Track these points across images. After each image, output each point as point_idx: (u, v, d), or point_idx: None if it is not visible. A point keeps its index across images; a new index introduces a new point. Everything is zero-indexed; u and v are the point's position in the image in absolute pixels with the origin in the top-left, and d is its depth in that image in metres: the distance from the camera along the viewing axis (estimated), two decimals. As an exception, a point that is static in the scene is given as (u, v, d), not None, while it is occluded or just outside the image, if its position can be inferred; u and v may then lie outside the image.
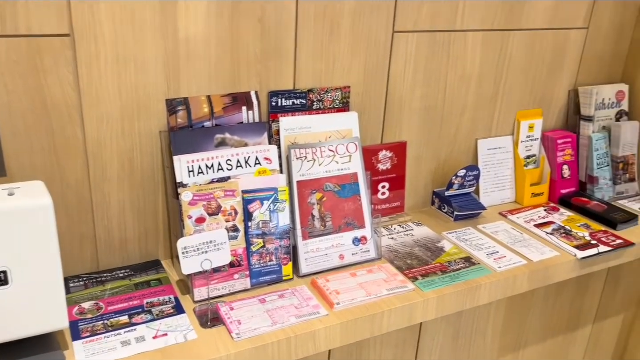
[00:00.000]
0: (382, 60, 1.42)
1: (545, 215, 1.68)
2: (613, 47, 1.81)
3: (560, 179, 1.78)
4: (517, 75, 1.66)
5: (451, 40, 1.50)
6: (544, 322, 1.71)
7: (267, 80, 1.28)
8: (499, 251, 1.45)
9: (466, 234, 1.53)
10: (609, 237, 1.56)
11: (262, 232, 1.22)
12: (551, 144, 1.76)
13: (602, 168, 1.79)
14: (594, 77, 1.83)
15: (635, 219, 1.64)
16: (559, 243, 1.51)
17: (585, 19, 1.70)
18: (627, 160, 1.83)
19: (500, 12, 1.54)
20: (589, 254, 1.46)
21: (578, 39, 1.72)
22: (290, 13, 1.24)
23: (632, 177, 1.85)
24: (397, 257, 1.39)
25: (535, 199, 1.76)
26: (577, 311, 1.77)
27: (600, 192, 1.79)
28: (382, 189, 1.57)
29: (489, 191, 1.72)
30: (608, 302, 1.84)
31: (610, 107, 1.83)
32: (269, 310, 1.14)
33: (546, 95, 1.75)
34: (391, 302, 1.20)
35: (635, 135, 1.83)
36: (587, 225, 1.63)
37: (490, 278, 1.33)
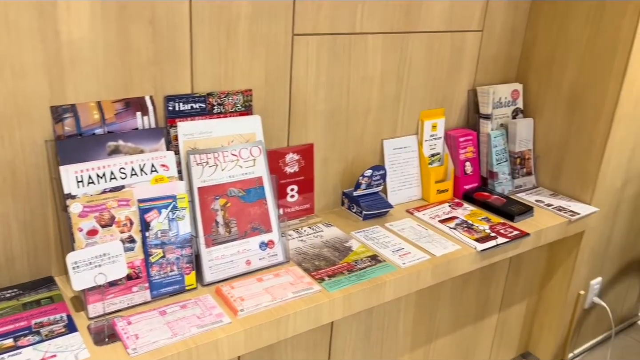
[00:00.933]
0: (283, 63, 1.42)
1: (449, 211, 1.74)
2: (507, 49, 1.92)
3: (464, 176, 1.85)
4: (418, 76, 1.72)
5: (352, 43, 1.53)
6: (453, 314, 1.78)
7: (162, 85, 1.24)
8: (405, 248, 1.49)
9: (374, 233, 1.56)
10: (507, 229, 1.64)
11: (161, 242, 1.18)
12: (454, 142, 1.84)
13: (501, 163, 1.89)
14: (491, 77, 1.92)
15: (531, 210, 1.75)
16: (461, 237, 1.57)
17: (479, 22, 1.79)
18: (524, 155, 1.95)
19: (398, 15, 1.59)
20: (488, 246, 1.53)
21: (474, 41, 1.81)
22: (183, 15, 1.22)
23: (529, 171, 1.97)
24: (305, 260, 1.39)
25: (441, 196, 1.82)
26: (484, 301, 1.86)
27: (501, 187, 1.89)
28: (291, 191, 1.56)
29: (397, 190, 1.77)
30: (512, 291, 1.94)
31: (506, 105, 1.93)
32: (169, 322, 1.10)
33: (447, 96, 1.83)
34: (297, 305, 1.20)
35: (530, 131, 1.95)
36: (488, 218, 1.71)
37: (395, 275, 1.36)
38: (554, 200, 1.87)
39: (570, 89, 1.83)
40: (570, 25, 1.79)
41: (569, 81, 1.83)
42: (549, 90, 1.89)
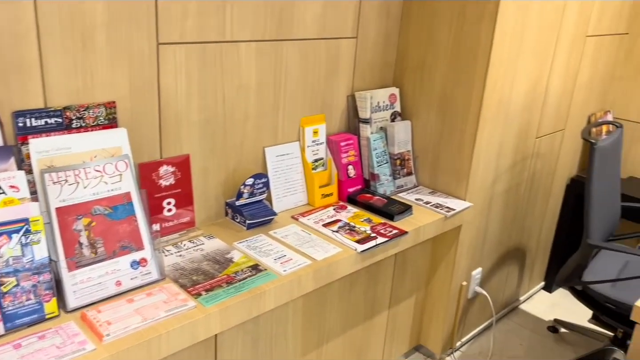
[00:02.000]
0: (149, 73, 1.37)
1: (334, 214, 1.77)
2: (382, 55, 1.99)
3: (347, 179, 1.90)
4: (296, 83, 1.73)
5: (223, 52, 1.51)
6: (343, 315, 1.81)
7: (9, 100, 1.15)
8: (287, 254, 1.49)
9: (257, 242, 1.55)
10: (387, 229, 1.70)
11: (13, 269, 1.09)
12: (335, 147, 1.88)
13: (382, 165, 1.96)
14: (369, 82, 1.99)
15: (410, 209, 1.82)
16: (343, 239, 1.60)
17: (353, 30, 1.84)
18: (404, 156, 2.03)
19: (270, 23, 1.59)
20: (367, 246, 1.58)
21: (349, 47, 1.86)
22: (28, 23, 1.13)
23: (410, 171, 2.05)
24: (183, 275, 1.35)
25: (326, 200, 1.85)
26: (372, 300, 1.91)
27: (382, 188, 1.95)
28: (168, 205, 1.51)
29: (281, 196, 1.77)
30: (399, 287, 2.01)
31: (385, 109, 2.00)
32: (23, 357, 1.02)
33: (327, 101, 1.86)
34: (169, 323, 1.16)
35: (408, 133, 2.03)
36: (370, 219, 1.76)
37: (275, 283, 1.36)
38: (432, 197, 1.96)
39: (440, 92, 1.93)
40: (437, 31, 1.90)
41: (439, 85, 1.93)
42: (422, 94, 1.99)
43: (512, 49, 1.86)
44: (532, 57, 1.98)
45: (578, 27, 2.17)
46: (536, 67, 2.03)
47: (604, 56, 2.46)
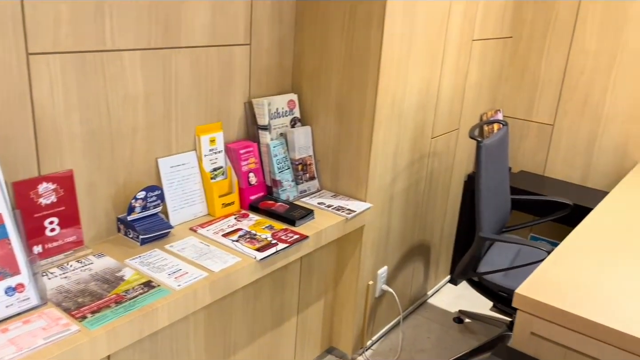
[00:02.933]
0: (19, 86, 1.28)
1: (235, 224, 1.75)
2: (278, 61, 1.99)
3: (248, 187, 1.88)
4: (188, 92, 1.69)
5: (105, 61, 1.44)
6: (249, 324, 1.78)
7: None
8: (182, 268, 1.45)
9: (151, 257, 1.49)
10: (288, 235, 1.70)
11: None
12: (235, 155, 1.85)
13: (284, 171, 1.96)
14: (267, 88, 1.98)
15: (312, 213, 1.83)
16: (243, 249, 1.58)
17: (245, 36, 1.83)
18: (305, 161, 2.04)
19: (155, 31, 1.54)
20: (267, 254, 1.57)
21: (243, 54, 1.84)
22: None
23: (312, 175, 2.07)
24: (67, 298, 1.27)
25: (227, 209, 1.82)
26: (279, 306, 1.90)
27: (285, 194, 1.95)
28: (51, 225, 1.42)
29: (179, 208, 1.72)
30: (307, 292, 2.02)
31: (284, 115, 2.01)
32: None
33: (223, 109, 1.83)
34: (49, 351, 1.09)
35: (309, 138, 2.05)
36: (272, 226, 1.75)
37: (168, 299, 1.31)
38: (334, 200, 1.99)
39: (337, 97, 1.96)
40: (329, 37, 1.93)
41: (335, 89, 1.96)
42: (320, 99, 2.01)
43: (402, 53, 1.93)
44: (422, 60, 2.07)
45: (464, 31, 2.30)
46: (427, 70, 2.12)
47: (491, 58, 2.62)
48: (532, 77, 2.76)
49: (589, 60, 2.58)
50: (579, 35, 2.58)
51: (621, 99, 2.53)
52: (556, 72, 2.68)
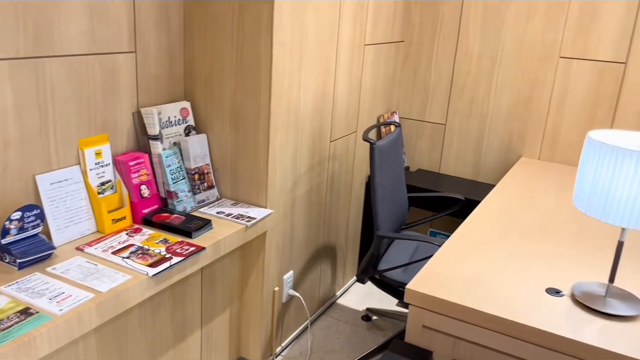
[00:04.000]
0: None
1: (126, 240, 1.67)
2: (168, 68, 1.93)
3: (140, 200, 1.80)
4: (67, 103, 1.59)
5: (-36, 72, 1.32)
6: (148, 343, 1.71)
7: None
8: (65, 291, 1.36)
9: (30, 282, 1.39)
10: (183, 247, 1.65)
11: None
12: (124, 167, 1.77)
13: (179, 182, 1.90)
14: (157, 97, 1.92)
15: (209, 223, 1.79)
16: (134, 265, 1.51)
17: (130, 44, 1.76)
18: (202, 170, 1.99)
19: (24, 39, 1.44)
20: (160, 269, 1.51)
21: (128, 62, 1.77)
22: None
23: (211, 184, 2.03)
24: None
25: (118, 225, 1.74)
26: (181, 321, 1.84)
27: (182, 205, 1.90)
28: None
29: (63, 227, 1.61)
30: (210, 303, 1.98)
31: (177, 124, 1.95)
32: None
33: (108, 120, 1.75)
34: None
35: (205, 146, 2.01)
36: (166, 239, 1.69)
37: (48, 325, 1.22)
38: (234, 209, 1.96)
39: (231, 104, 1.94)
40: (220, 44, 1.90)
41: (229, 96, 1.94)
42: (214, 106, 1.98)
43: (293, 59, 1.94)
44: (315, 66, 2.09)
45: (355, 36, 2.36)
46: (321, 75, 2.15)
47: (384, 62, 2.71)
48: (424, 79, 2.89)
49: (473, 62, 2.74)
50: (463, 39, 2.74)
51: (503, 98, 2.71)
52: (445, 74, 2.83)
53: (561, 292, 1.42)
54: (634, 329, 1.28)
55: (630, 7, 2.36)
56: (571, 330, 1.26)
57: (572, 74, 2.54)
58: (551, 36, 2.54)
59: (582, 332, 1.25)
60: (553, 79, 2.58)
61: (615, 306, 1.34)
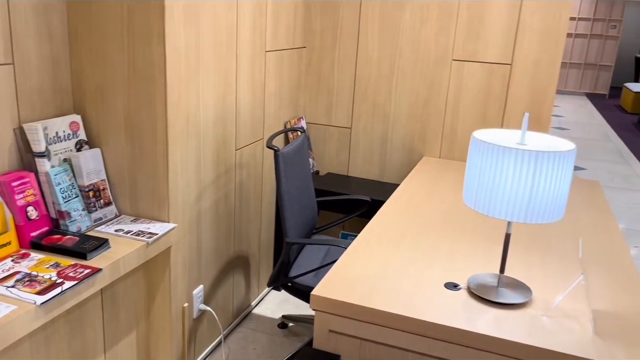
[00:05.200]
0: None
1: (11, 267, 1.54)
2: (53, 80, 1.81)
3: (27, 222, 1.67)
4: None
5: None
6: (46, 376, 1.59)
7: None
8: (-64, 331, 1.22)
9: None
10: (77, 270, 1.54)
11: None
12: (6, 189, 1.63)
13: (71, 200, 1.78)
14: (43, 111, 1.79)
15: (106, 243, 1.70)
16: (20, 294, 1.40)
17: (6, 55, 1.63)
18: (98, 187, 1.89)
19: None
20: (50, 296, 1.40)
21: (5, 75, 1.63)
22: None
23: (108, 201, 1.92)
24: None
25: (2, 251, 1.60)
26: (80, 350, 1.73)
27: (75, 225, 1.78)
28: None
29: None
30: (114, 327, 1.87)
31: (67, 139, 1.83)
32: None
33: (-15, 138, 1.60)
34: None
35: (99, 161, 1.90)
36: (58, 263, 1.58)
37: None
38: (134, 225, 1.87)
39: (126, 115, 1.85)
40: (110, 53, 1.81)
41: (122, 107, 1.85)
42: (108, 119, 1.88)
43: (190, 67, 1.89)
44: (214, 73, 2.05)
45: (255, 43, 2.34)
46: (221, 83, 2.11)
47: (287, 68, 2.71)
48: (327, 84, 2.93)
49: (373, 66, 2.82)
50: (362, 44, 2.81)
51: (403, 100, 2.81)
52: (347, 78, 2.88)
53: (459, 286, 1.49)
54: (523, 316, 1.36)
55: (513, 11, 2.53)
56: (467, 322, 1.32)
57: (465, 76, 2.68)
58: (444, 40, 2.67)
59: (476, 323, 1.31)
60: (448, 81, 2.71)
61: (507, 295, 1.42)
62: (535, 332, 1.29)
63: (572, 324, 1.33)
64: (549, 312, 1.37)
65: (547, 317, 1.35)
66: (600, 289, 1.51)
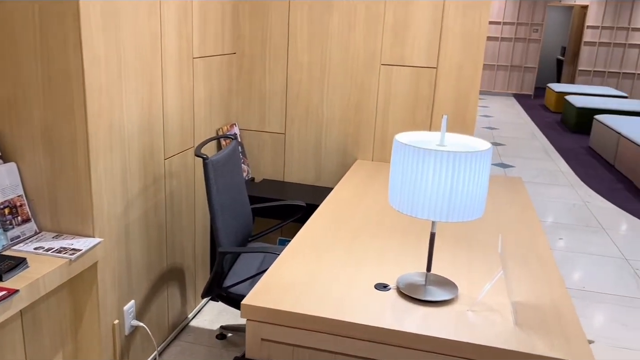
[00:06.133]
0: None
1: None
2: (-41, 92, 1.70)
3: None
4: None
5: None
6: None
7: None
8: None
9: None
10: (-9, 293, 1.45)
11: None
12: None
13: (-16, 219, 1.68)
14: (-52, 125, 1.67)
15: (24, 262, 1.61)
16: None
17: None
18: (14, 203, 1.78)
19: None
20: (-42, 323, 1.31)
21: None
22: None
23: (26, 217, 1.82)
24: None
25: None
26: (0, 377, 1.63)
27: (-11, 244, 1.67)
28: None
29: None
30: (36, 351, 1.77)
31: (-23, 153, 1.72)
32: None
33: None
34: None
35: (15, 176, 1.80)
36: (-31, 287, 1.47)
37: None
38: (56, 242, 1.78)
39: (42, 127, 1.76)
40: (22, 62, 1.72)
41: (39, 120, 1.75)
42: (23, 132, 1.78)
43: (111, 75, 1.82)
44: (138, 81, 1.99)
45: (182, 50, 2.29)
46: (146, 91, 2.05)
47: (217, 75, 2.68)
48: (260, 90, 2.91)
49: (304, 72, 2.83)
50: (292, 49, 2.82)
51: (335, 104, 2.84)
52: (279, 84, 2.88)
53: (388, 287, 1.51)
54: (450, 312, 1.40)
55: (436, 17, 2.61)
56: (396, 321, 1.34)
57: (393, 80, 2.74)
58: (372, 45, 2.72)
59: (405, 322, 1.34)
60: (377, 85, 2.76)
61: (434, 293, 1.46)
62: (461, 327, 1.33)
63: (495, 317, 1.38)
64: (474, 307, 1.42)
65: (472, 312, 1.40)
66: (520, 281, 1.58)
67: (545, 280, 1.59)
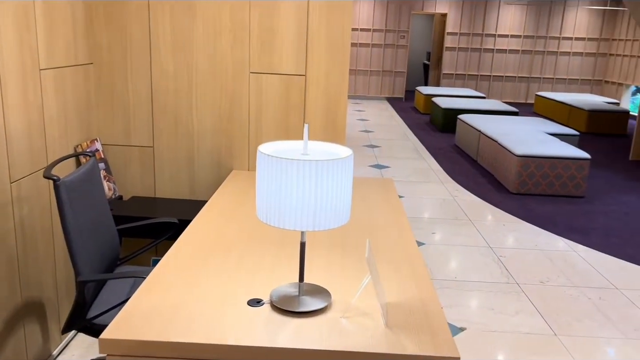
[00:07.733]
0: None
1: None
2: None
3: None
4: None
5: None
6: None
7: None
8: None
9: None
10: None
11: None
12: None
13: None
14: None
15: None
16: None
17: None
18: None
19: None
20: None
21: None
22: None
23: None
24: None
25: None
26: None
27: None
28: None
29: None
30: None
31: None
32: None
33: None
34: None
35: None
36: None
37: None
38: None
39: None
40: None
41: None
42: None
43: None
44: (-31, 98, 1.75)
45: (25, 61, 2.07)
46: (-19, 108, 1.82)
47: (72, 87, 2.46)
48: (122, 101, 2.73)
49: (170, 81, 2.70)
50: (155, 58, 2.68)
51: (205, 115, 2.74)
52: (144, 94, 2.72)
53: (262, 301, 1.47)
54: (323, 321, 1.39)
55: (301, 25, 2.63)
56: (268, 338, 1.30)
57: (264, 88, 2.71)
58: (239, 53, 2.67)
59: (277, 337, 1.30)
60: (248, 94, 2.72)
61: (307, 303, 1.45)
62: (334, 336, 1.33)
63: (367, 321, 1.40)
64: (347, 313, 1.43)
65: (344, 319, 1.40)
66: (391, 281, 1.63)
67: (412, 278, 1.65)
